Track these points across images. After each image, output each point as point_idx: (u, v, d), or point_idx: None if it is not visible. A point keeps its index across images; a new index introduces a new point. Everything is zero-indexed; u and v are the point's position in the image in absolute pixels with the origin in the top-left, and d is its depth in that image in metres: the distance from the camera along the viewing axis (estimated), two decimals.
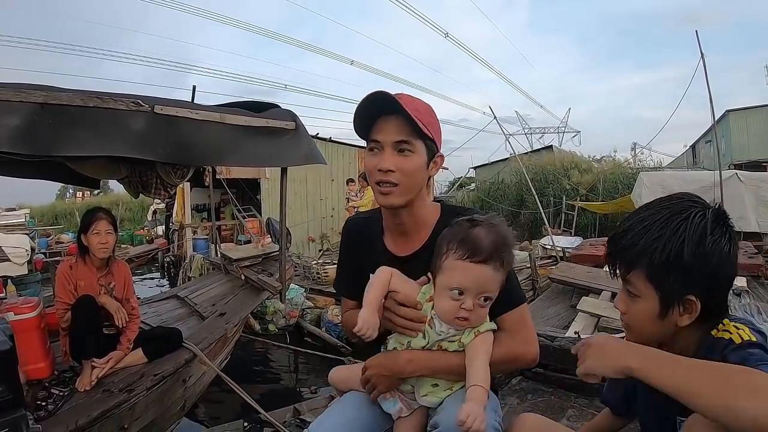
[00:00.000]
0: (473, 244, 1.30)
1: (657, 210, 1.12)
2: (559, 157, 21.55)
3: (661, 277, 1.08)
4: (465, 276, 1.29)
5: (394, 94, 1.40)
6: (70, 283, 3.23)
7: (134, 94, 2.94)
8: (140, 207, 27.74)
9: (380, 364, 1.41)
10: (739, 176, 10.58)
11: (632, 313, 1.15)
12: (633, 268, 1.12)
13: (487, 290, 1.31)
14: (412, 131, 1.39)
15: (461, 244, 1.31)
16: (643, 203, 1.22)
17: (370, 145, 1.45)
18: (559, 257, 9.17)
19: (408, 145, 1.40)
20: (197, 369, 3.78)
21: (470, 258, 1.29)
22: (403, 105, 1.35)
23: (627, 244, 1.12)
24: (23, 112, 2.44)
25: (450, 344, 1.36)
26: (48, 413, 2.72)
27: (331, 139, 15.44)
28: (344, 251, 1.73)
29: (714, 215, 1.08)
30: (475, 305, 1.30)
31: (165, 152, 3.02)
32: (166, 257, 15.64)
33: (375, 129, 1.43)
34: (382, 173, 1.40)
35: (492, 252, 1.30)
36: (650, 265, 1.08)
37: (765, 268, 6.44)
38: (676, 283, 1.06)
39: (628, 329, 1.19)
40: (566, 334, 4.46)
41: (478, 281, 1.29)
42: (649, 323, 1.12)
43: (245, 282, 5.33)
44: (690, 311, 1.07)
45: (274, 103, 3.93)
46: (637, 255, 1.10)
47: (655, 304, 1.09)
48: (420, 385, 1.40)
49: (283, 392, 6.53)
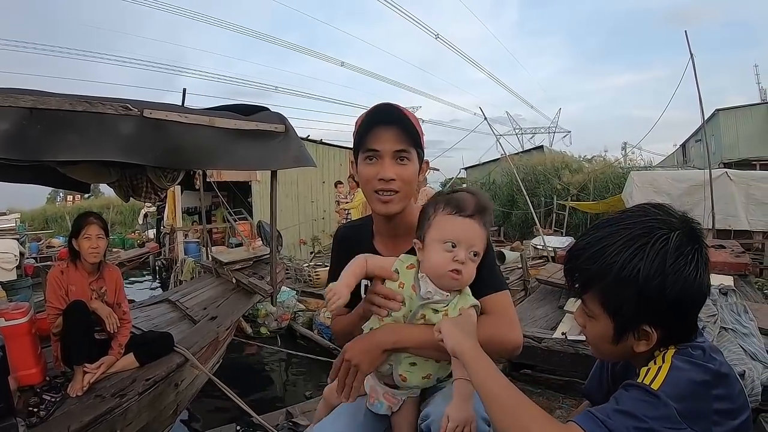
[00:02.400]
0: (459, 201, 1.36)
1: (617, 229, 1.04)
2: (549, 157, 21.66)
3: (614, 304, 1.02)
4: (456, 227, 1.34)
5: (384, 103, 1.46)
6: (61, 288, 3.22)
7: (124, 98, 2.93)
8: (131, 210, 27.56)
9: (360, 343, 1.39)
10: (729, 175, 10.68)
11: (588, 331, 1.11)
12: (587, 290, 1.07)
13: (476, 244, 1.35)
14: (409, 140, 1.45)
15: (448, 203, 1.37)
16: (634, 203, 1.20)
17: (366, 154, 1.47)
18: (550, 257, 9.19)
19: (406, 154, 1.46)
20: (189, 373, 3.78)
21: (459, 213, 1.34)
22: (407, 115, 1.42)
23: (581, 265, 1.07)
24: (12, 117, 2.43)
25: (434, 315, 1.36)
26: (40, 419, 2.71)
27: (321, 141, 15.44)
28: (335, 259, 1.74)
29: (680, 239, 0.99)
30: (467, 258, 1.33)
31: (155, 156, 3.02)
32: (158, 261, 15.55)
33: (372, 138, 1.46)
34: (384, 182, 1.44)
35: (477, 209, 1.35)
36: (604, 290, 1.02)
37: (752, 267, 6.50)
38: (631, 312, 1.00)
39: (588, 342, 1.17)
40: (553, 336, 4.48)
41: (468, 234, 1.34)
42: (604, 344, 1.08)
43: (236, 285, 5.33)
44: (647, 339, 1.02)
45: (263, 106, 3.92)
46: (591, 278, 1.04)
47: (609, 328, 1.05)
48: (398, 363, 1.40)
49: (276, 395, 6.53)
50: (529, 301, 5.86)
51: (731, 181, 10.55)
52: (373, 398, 1.47)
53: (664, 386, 0.93)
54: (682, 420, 0.90)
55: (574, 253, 1.10)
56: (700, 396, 0.94)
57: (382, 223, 1.57)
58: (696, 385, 0.94)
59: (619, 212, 1.10)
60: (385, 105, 1.46)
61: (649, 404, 0.92)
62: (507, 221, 19.07)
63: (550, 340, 4.27)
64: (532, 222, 13.10)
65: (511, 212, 18.88)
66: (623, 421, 0.91)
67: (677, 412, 0.90)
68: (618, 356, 1.12)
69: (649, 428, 0.89)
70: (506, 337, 1.42)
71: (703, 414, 0.93)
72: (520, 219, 18.30)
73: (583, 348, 3.99)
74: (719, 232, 9.44)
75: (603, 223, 1.09)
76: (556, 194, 17.36)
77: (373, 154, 1.46)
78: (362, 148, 1.48)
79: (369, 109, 1.48)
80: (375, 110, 1.45)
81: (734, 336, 3.71)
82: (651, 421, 0.89)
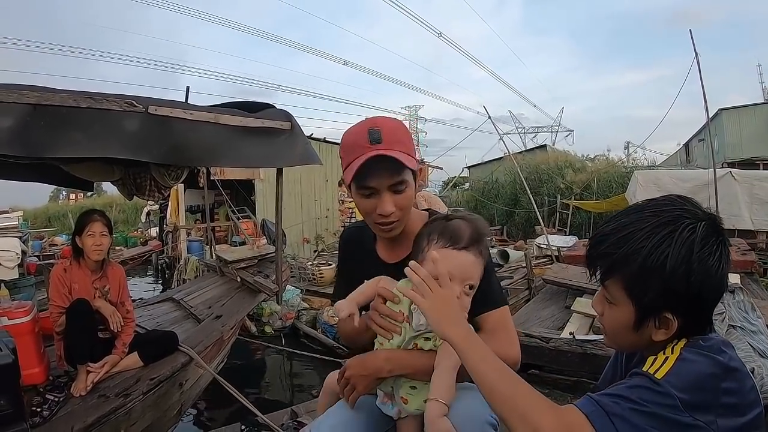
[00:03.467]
0: (453, 232, 1.34)
1: (643, 216, 1.02)
2: (552, 156, 21.60)
3: (638, 290, 1.00)
4: (450, 263, 1.29)
5: (368, 120, 1.44)
6: (64, 287, 3.19)
7: (128, 94, 2.90)
8: (134, 209, 27.55)
9: (360, 363, 1.41)
10: (733, 174, 10.64)
11: (607, 318, 1.10)
12: (610, 276, 1.05)
13: (471, 277, 1.33)
14: (403, 168, 1.40)
15: (442, 235, 1.34)
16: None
17: (361, 191, 1.43)
18: (554, 256, 9.17)
19: (402, 184, 1.42)
20: (194, 372, 3.75)
21: (452, 245, 1.32)
22: (392, 148, 1.37)
23: (606, 251, 1.05)
24: (15, 113, 2.40)
25: (425, 342, 1.36)
26: (43, 419, 2.68)
27: (325, 139, 15.41)
28: (341, 260, 1.79)
29: (706, 230, 0.98)
30: (461, 293, 1.30)
31: (159, 153, 2.99)
32: (161, 259, 15.57)
33: (364, 176, 1.39)
34: (383, 216, 1.42)
35: (472, 240, 1.33)
36: (629, 276, 1.01)
37: (758, 265, 6.48)
38: (654, 299, 0.98)
39: (604, 332, 1.15)
40: (561, 335, 4.46)
41: (463, 267, 1.31)
42: (623, 331, 1.06)
43: (241, 284, 5.30)
44: (666, 327, 1.00)
45: (269, 103, 3.89)
46: (615, 263, 1.03)
47: (630, 315, 1.03)
48: (398, 386, 1.40)
49: (280, 394, 6.52)
50: (535, 302, 5.84)
51: (735, 181, 10.51)
52: (386, 399, 1.45)
53: (668, 376, 0.92)
54: (684, 409, 0.89)
55: (598, 238, 1.08)
56: (707, 388, 0.92)
57: None
58: (704, 376, 0.93)
59: (644, 201, 1.09)
60: (371, 138, 1.37)
61: (649, 391, 0.91)
62: (510, 220, 19.07)
63: (558, 340, 4.25)
64: (536, 221, 13.05)
65: (514, 211, 18.86)
66: (621, 404, 0.91)
67: (681, 402, 0.89)
68: (634, 346, 1.10)
69: (650, 412, 0.89)
70: (506, 354, 1.39)
71: (709, 406, 0.91)
72: (523, 218, 18.29)
73: (591, 348, 3.97)
74: None
75: (626, 212, 1.08)
76: (559, 193, 17.34)
77: (368, 191, 1.42)
78: (355, 182, 1.42)
79: (352, 138, 1.42)
80: (362, 147, 1.38)
81: (742, 333, 3.69)
82: (651, 406, 0.89)
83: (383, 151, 1.36)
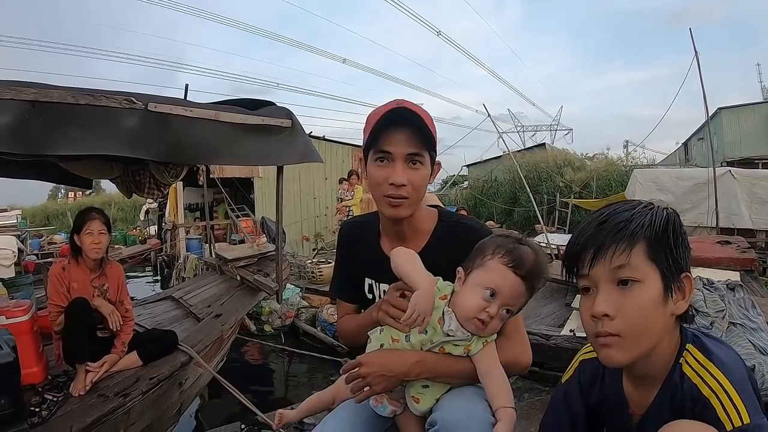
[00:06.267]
0: (520, 256, 1.31)
1: (615, 208, 1.07)
2: (552, 155, 21.62)
3: (660, 252, 1.00)
4: (503, 280, 1.29)
5: (398, 101, 1.41)
6: (62, 285, 3.17)
7: (127, 91, 2.88)
8: (133, 207, 27.57)
9: (381, 362, 1.34)
10: (732, 173, 10.67)
11: (628, 310, 0.98)
12: (633, 247, 0.99)
13: (514, 303, 1.32)
14: (423, 143, 1.39)
15: (509, 253, 1.31)
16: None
17: (378, 155, 1.42)
18: (553, 255, 9.16)
19: (419, 158, 1.41)
20: (193, 372, 3.74)
21: (514, 267, 1.29)
22: (418, 113, 1.37)
23: (618, 226, 1.01)
24: (13, 110, 2.38)
25: (455, 347, 1.34)
26: (42, 419, 2.66)
27: (324, 137, 15.41)
28: (341, 255, 1.73)
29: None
30: (498, 314, 1.30)
31: (159, 151, 2.96)
32: (160, 257, 15.55)
33: (384, 139, 1.40)
34: (395, 187, 1.39)
35: (532, 271, 1.30)
36: (650, 239, 0.99)
37: (758, 263, 6.47)
38: (672, 260, 1.00)
39: (621, 340, 1.00)
40: (561, 333, 4.45)
41: (512, 290, 1.30)
42: (652, 315, 0.98)
43: (241, 282, 5.28)
44: (684, 293, 1.02)
45: (269, 101, 3.88)
46: (634, 231, 1.00)
47: (657, 287, 0.99)
48: (410, 385, 1.38)
49: (280, 393, 6.51)
50: (535, 299, 5.80)
51: (735, 180, 10.54)
52: (377, 401, 1.43)
53: (751, 414, 0.91)
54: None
55: (597, 228, 1.04)
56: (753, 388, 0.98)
57: (389, 224, 1.54)
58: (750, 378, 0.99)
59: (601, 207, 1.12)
60: (400, 103, 1.39)
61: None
62: (509, 219, 19.06)
63: (558, 337, 4.24)
64: (535, 219, 13.05)
65: (514, 210, 18.88)
66: None
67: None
68: (662, 332, 1.02)
69: None
70: (520, 358, 1.44)
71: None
72: (523, 216, 18.31)
73: None
74: (723, 231, 9.42)
75: (598, 210, 1.10)
76: (558, 192, 17.36)
77: (384, 155, 1.41)
78: (374, 148, 1.42)
79: (383, 106, 1.42)
80: (389, 109, 1.38)
81: (743, 331, 3.68)
82: None
83: (408, 105, 1.38)
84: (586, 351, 1.27)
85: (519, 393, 3.28)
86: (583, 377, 1.25)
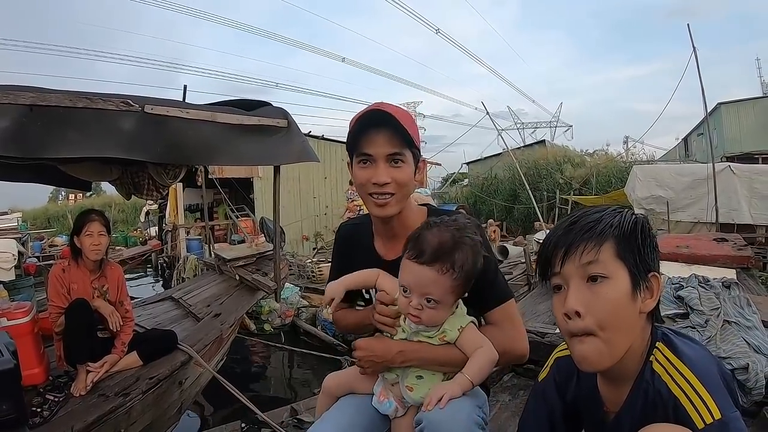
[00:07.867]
0: (420, 245, 1.32)
1: (584, 212, 1.11)
2: (551, 152, 21.56)
3: (628, 251, 1.03)
4: (409, 275, 1.34)
5: (375, 104, 1.46)
6: (63, 287, 3.19)
7: (124, 94, 2.91)
8: (133, 208, 27.55)
9: (371, 347, 1.44)
10: (732, 169, 10.64)
11: (599, 305, 1.01)
12: (602, 244, 1.03)
13: (429, 292, 1.31)
14: (403, 142, 1.45)
15: (413, 245, 1.34)
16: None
17: (360, 158, 1.48)
18: None
19: (400, 156, 1.46)
20: (193, 371, 3.76)
21: (415, 258, 1.32)
22: (397, 118, 1.41)
23: (587, 225, 1.06)
24: (12, 114, 2.40)
25: (429, 339, 1.39)
26: (43, 419, 2.69)
27: (323, 137, 15.41)
28: (337, 255, 1.79)
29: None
30: (423, 305, 1.32)
31: (156, 152, 2.99)
32: (160, 258, 15.57)
33: (365, 142, 1.46)
34: (378, 186, 1.45)
35: (436, 255, 1.30)
36: (618, 237, 1.03)
37: (757, 260, 6.47)
38: (639, 259, 1.03)
39: (598, 340, 1.02)
40: (556, 330, 4.46)
41: (419, 282, 1.32)
42: (622, 311, 1.01)
43: (240, 282, 5.30)
44: (652, 292, 1.05)
45: (265, 101, 3.90)
46: (603, 230, 1.04)
47: (625, 284, 1.01)
48: (405, 375, 1.43)
49: (280, 392, 6.54)
50: (532, 296, 5.83)
51: (734, 175, 10.51)
52: (383, 397, 1.47)
53: (722, 409, 0.93)
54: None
55: (564, 230, 1.09)
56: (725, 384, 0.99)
57: (380, 224, 1.59)
58: (721, 376, 1.00)
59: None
60: (377, 107, 1.44)
61: None
62: (509, 216, 19.05)
63: (553, 335, 4.25)
64: (535, 217, 13.06)
65: (514, 207, 18.86)
66: None
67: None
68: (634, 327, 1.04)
69: None
70: (512, 346, 1.47)
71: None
72: (523, 214, 18.27)
73: None
74: (722, 226, 9.42)
75: (570, 215, 1.15)
76: (558, 189, 17.34)
77: (366, 158, 1.47)
78: (355, 151, 1.49)
79: (362, 110, 1.47)
80: (366, 113, 1.44)
81: (738, 329, 3.69)
82: None
83: (383, 107, 1.43)
84: (561, 349, 1.29)
85: (514, 390, 3.29)
86: (558, 375, 1.27)
